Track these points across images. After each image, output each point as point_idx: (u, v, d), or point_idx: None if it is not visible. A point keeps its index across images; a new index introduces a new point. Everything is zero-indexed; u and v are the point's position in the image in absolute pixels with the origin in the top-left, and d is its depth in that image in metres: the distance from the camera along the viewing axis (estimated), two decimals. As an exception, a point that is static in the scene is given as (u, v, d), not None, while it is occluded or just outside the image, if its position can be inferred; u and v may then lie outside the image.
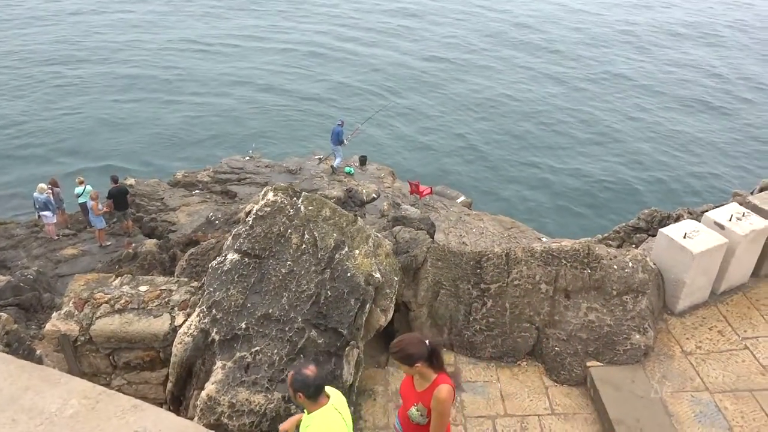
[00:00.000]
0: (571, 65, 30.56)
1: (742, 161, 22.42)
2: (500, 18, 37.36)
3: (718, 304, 6.50)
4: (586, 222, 18.73)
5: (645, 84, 28.54)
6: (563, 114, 25.59)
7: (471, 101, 26.66)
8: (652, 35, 35.02)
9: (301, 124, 24.62)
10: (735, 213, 6.35)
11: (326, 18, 36.80)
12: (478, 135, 24.04)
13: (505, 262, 6.27)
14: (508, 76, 29.21)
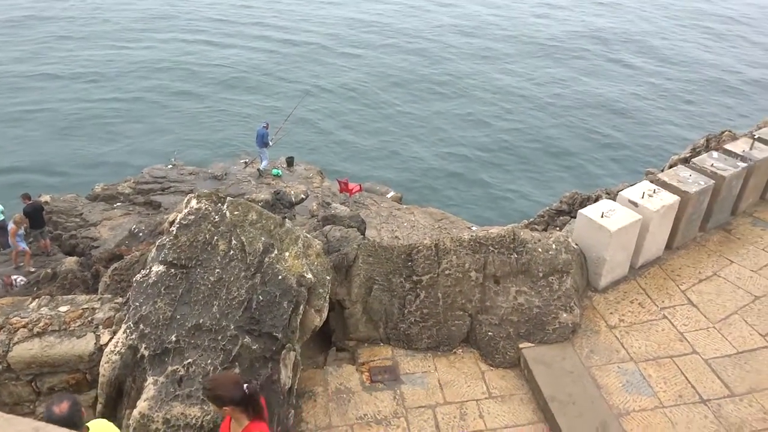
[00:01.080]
0: (491, 57, 31.26)
1: (656, 140, 23.57)
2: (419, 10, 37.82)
3: (637, 278, 6.84)
4: (512, 208, 19.26)
5: (557, 70, 29.56)
6: (482, 104, 26.16)
7: (392, 96, 26.85)
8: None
9: (223, 125, 24.10)
10: (646, 190, 6.69)
11: (238, 11, 36.18)
12: (402, 129, 24.25)
13: (435, 253, 6.36)
14: (426, 67, 29.57)
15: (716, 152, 7.60)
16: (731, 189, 7.28)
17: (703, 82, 28.26)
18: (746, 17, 38.02)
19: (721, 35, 34.38)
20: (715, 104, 26.07)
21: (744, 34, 34.91)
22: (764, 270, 6.86)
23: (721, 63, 30.35)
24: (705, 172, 7.17)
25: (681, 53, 31.71)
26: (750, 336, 6.04)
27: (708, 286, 6.66)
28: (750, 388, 5.52)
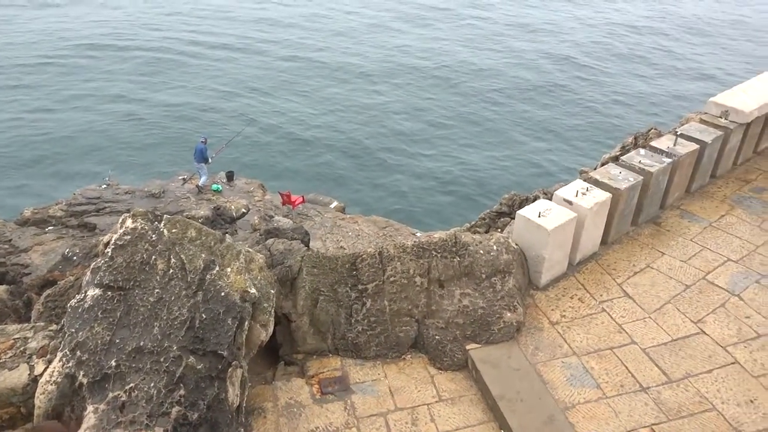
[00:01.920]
0: (426, 64, 31.67)
1: (590, 141, 24.35)
2: (353, 18, 37.94)
3: (575, 274, 7.05)
4: (455, 212, 19.52)
5: (488, 75, 30.19)
6: (420, 113, 26.46)
7: (333, 107, 26.86)
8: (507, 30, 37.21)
9: (159, 141, 23.51)
10: (580, 189, 6.92)
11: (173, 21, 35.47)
12: (344, 139, 24.26)
13: (380, 261, 6.38)
14: (362, 80, 29.71)
15: (643, 149, 7.93)
16: (659, 184, 7.61)
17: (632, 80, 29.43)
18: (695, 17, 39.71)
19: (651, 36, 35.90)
20: (639, 110, 27.17)
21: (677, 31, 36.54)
22: (693, 260, 7.19)
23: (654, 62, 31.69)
24: (634, 168, 7.47)
25: (615, 54, 32.92)
26: (683, 323, 6.31)
27: (642, 278, 6.93)
28: (685, 373, 5.77)
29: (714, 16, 39.03)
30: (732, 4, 40.97)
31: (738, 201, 8.29)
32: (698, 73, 30.07)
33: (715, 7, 40.96)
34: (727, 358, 5.91)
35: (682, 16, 39.10)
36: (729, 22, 37.51)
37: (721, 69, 30.32)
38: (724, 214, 8.01)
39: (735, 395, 5.53)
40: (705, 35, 35.44)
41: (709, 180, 8.71)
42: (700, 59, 31.72)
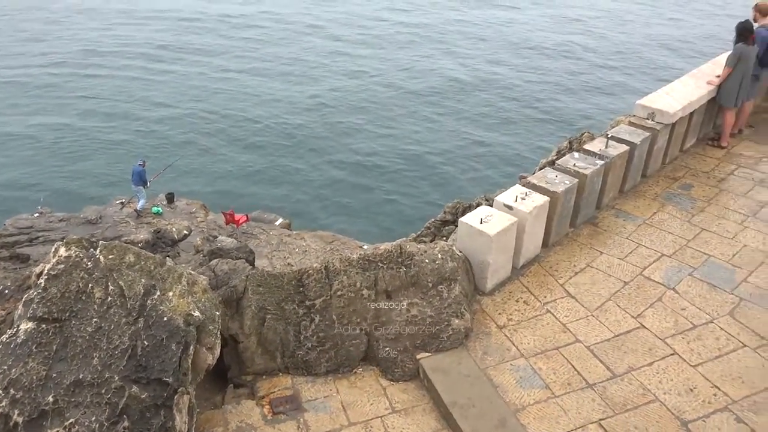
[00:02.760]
0: (364, 68, 31.88)
1: (532, 145, 24.98)
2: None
3: (520, 278, 7.19)
4: (402, 222, 19.64)
5: (413, 83, 30.65)
6: (355, 127, 26.58)
7: (274, 121, 26.67)
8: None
9: (94, 164, 22.79)
10: (519, 194, 7.08)
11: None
12: (287, 155, 24.11)
13: (326, 276, 6.35)
14: (308, 94, 29.67)
15: (577, 153, 8.19)
16: (593, 185, 7.87)
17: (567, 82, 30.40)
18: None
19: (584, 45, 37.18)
20: (574, 109, 28.08)
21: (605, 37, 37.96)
22: (630, 257, 7.45)
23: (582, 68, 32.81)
24: (569, 172, 7.70)
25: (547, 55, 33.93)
26: (624, 319, 6.52)
27: (583, 278, 7.13)
28: (628, 367, 5.95)
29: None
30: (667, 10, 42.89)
31: (668, 198, 8.66)
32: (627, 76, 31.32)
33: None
34: (667, 349, 6.13)
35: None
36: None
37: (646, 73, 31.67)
38: (656, 212, 8.34)
39: (676, 385, 5.74)
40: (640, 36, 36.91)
41: (641, 179, 9.06)
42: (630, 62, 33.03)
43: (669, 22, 38.42)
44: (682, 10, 41.61)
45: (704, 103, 9.57)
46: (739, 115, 10.07)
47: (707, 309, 6.61)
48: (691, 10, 41.63)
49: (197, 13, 40.32)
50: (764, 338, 6.23)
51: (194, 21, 39.33)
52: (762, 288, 6.91)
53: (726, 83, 9.46)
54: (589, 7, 43.14)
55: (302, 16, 40.83)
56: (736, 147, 10.00)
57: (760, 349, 6.10)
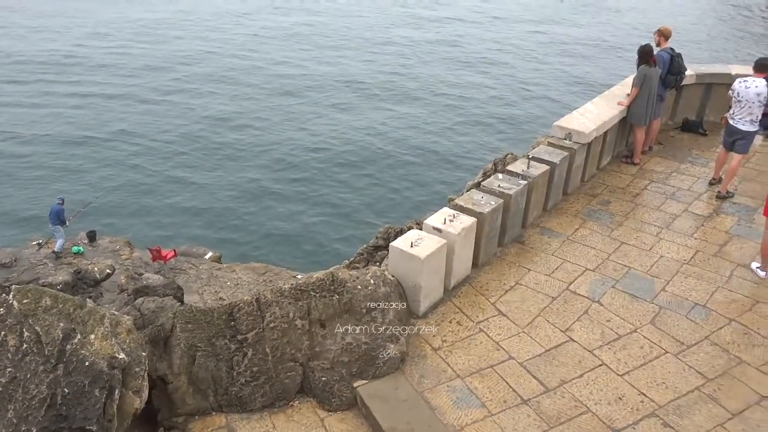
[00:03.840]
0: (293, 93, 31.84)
1: (456, 170, 25.51)
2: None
3: (452, 299, 7.28)
4: (334, 250, 19.56)
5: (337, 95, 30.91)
6: (289, 151, 26.45)
7: (198, 151, 26.12)
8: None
9: (7, 204, 21.61)
10: (447, 216, 7.21)
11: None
12: (213, 186, 23.61)
13: (258, 308, 6.22)
14: (230, 121, 29.29)
15: (501, 174, 8.44)
16: (518, 204, 8.11)
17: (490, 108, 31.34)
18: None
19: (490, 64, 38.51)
20: (496, 132, 28.97)
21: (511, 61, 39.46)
22: (556, 273, 7.69)
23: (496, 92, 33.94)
24: (494, 192, 7.91)
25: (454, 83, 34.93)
26: (553, 334, 6.70)
27: (513, 296, 7.30)
28: (560, 380, 6.10)
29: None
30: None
31: (589, 214, 9.03)
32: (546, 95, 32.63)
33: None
34: (595, 361, 6.33)
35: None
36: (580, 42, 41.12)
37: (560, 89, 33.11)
38: (578, 228, 8.68)
39: (605, 395, 5.92)
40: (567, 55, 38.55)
41: (562, 197, 9.42)
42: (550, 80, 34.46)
43: (577, 52, 40.40)
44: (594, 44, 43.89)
45: (616, 122, 10.10)
46: (648, 133, 10.67)
47: (630, 319, 6.89)
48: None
49: (127, 37, 39.24)
50: (684, 344, 6.54)
51: (115, 42, 38.27)
52: (679, 296, 7.27)
53: (635, 103, 10.03)
54: (504, 30, 44.84)
55: (207, 36, 40.49)
56: (648, 163, 10.58)
57: (681, 355, 6.39)
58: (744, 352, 6.41)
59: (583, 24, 45.31)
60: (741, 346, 6.49)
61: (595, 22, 45.40)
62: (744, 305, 7.13)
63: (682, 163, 10.60)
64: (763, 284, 7.50)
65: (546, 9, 49.99)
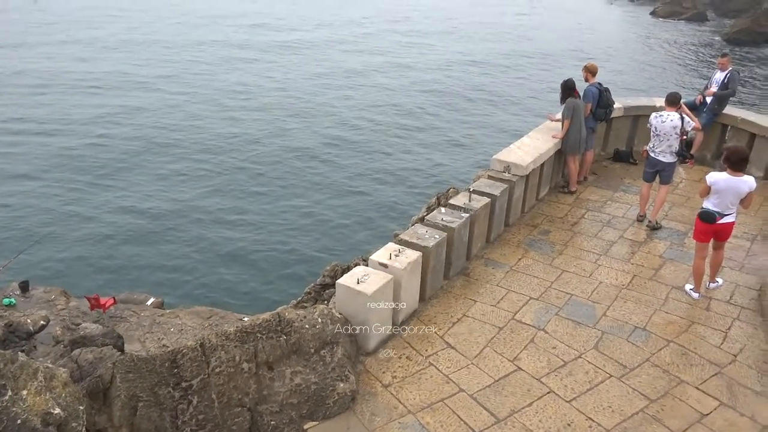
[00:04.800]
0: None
1: (400, 205, 25.73)
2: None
3: (401, 334, 7.28)
4: (282, 289, 19.28)
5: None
6: (230, 188, 26.18)
7: (131, 193, 25.51)
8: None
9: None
10: (392, 251, 7.25)
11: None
12: (151, 229, 23.02)
13: (202, 354, 6.05)
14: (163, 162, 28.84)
15: (444, 208, 8.58)
16: (461, 237, 8.25)
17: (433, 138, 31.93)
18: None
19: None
20: (440, 164, 29.50)
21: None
22: (502, 303, 7.82)
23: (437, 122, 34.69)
24: (438, 226, 8.03)
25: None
26: (502, 364, 6.77)
27: (461, 328, 7.36)
28: (510, 410, 6.15)
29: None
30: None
31: (530, 244, 9.26)
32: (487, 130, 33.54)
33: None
34: (543, 389, 6.42)
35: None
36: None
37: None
38: (520, 258, 8.87)
39: (554, 422, 6.00)
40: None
41: (504, 228, 9.64)
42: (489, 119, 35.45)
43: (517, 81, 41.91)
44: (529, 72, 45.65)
45: (552, 154, 10.47)
46: (582, 164, 11.11)
47: (575, 345, 7.05)
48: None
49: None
50: (626, 366, 6.72)
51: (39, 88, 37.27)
52: (619, 320, 7.50)
53: (567, 134, 10.45)
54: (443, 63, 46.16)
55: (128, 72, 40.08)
56: (584, 193, 10.97)
57: (624, 378, 6.56)
58: (683, 372, 6.63)
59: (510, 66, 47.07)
60: (680, 367, 6.72)
61: (522, 64, 47.16)
62: (681, 326, 7.41)
63: (615, 192, 11.05)
64: (697, 305, 7.83)
65: (473, 47, 51.73)
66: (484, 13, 66.50)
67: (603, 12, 71.56)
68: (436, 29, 55.77)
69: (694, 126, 9.84)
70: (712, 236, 7.78)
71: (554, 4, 74.66)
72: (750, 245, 9.33)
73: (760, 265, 8.76)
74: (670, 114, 9.18)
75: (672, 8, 65.28)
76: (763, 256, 9.03)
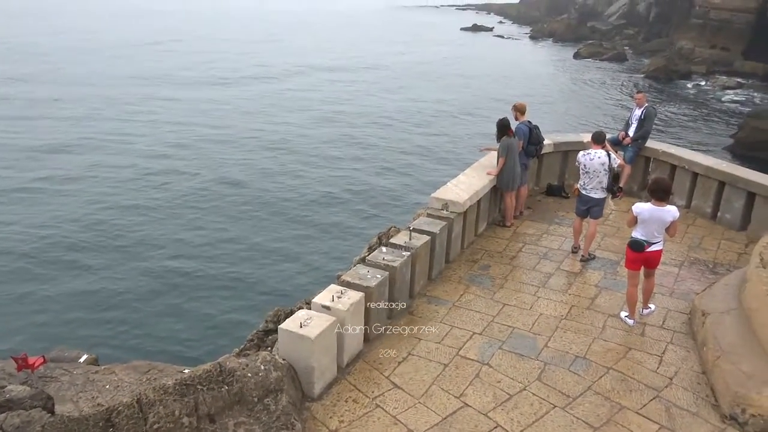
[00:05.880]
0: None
1: (343, 245, 25.67)
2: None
3: (346, 377, 7.18)
4: (222, 338, 18.74)
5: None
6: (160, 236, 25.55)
7: (58, 239, 24.50)
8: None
9: None
10: (335, 293, 7.21)
11: None
12: (78, 277, 22.07)
13: (139, 410, 5.80)
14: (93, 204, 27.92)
15: (385, 247, 8.63)
16: (404, 276, 8.29)
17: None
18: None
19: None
20: (382, 203, 29.74)
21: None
22: (446, 339, 7.85)
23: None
24: (380, 266, 8.06)
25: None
26: (448, 401, 6.76)
27: (406, 367, 7.33)
28: (459, 447, 6.12)
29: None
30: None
31: (471, 279, 9.39)
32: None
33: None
34: (490, 423, 6.43)
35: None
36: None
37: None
38: (462, 293, 8.98)
39: (503, 457, 6.01)
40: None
41: (445, 265, 9.76)
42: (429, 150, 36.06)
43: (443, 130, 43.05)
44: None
45: (488, 190, 10.74)
46: (517, 198, 11.44)
47: (519, 378, 7.13)
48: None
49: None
50: (569, 396, 6.83)
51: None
52: (560, 350, 7.65)
53: (502, 172, 10.77)
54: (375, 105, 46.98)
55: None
56: (520, 227, 11.27)
57: (568, 407, 6.66)
58: (623, 398, 6.80)
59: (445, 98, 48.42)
60: (620, 393, 6.88)
61: (452, 99, 48.59)
62: (619, 353, 7.62)
63: (550, 225, 11.40)
64: (633, 332, 8.09)
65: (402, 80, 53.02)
66: (414, 54, 68.47)
67: (529, 52, 74.95)
68: (366, 68, 56.91)
69: (619, 163, 10.33)
70: (643, 264, 8.11)
71: (481, 44, 77.78)
72: (678, 271, 9.76)
73: (688, 289, 9.16)
74: (597, 152, 9.62)
75: (594, 49, 69.01)
76: (690, 280, 9.46)
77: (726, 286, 8.21)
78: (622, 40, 73.65)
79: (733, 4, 59.86)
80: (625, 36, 76.09)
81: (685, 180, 12.25)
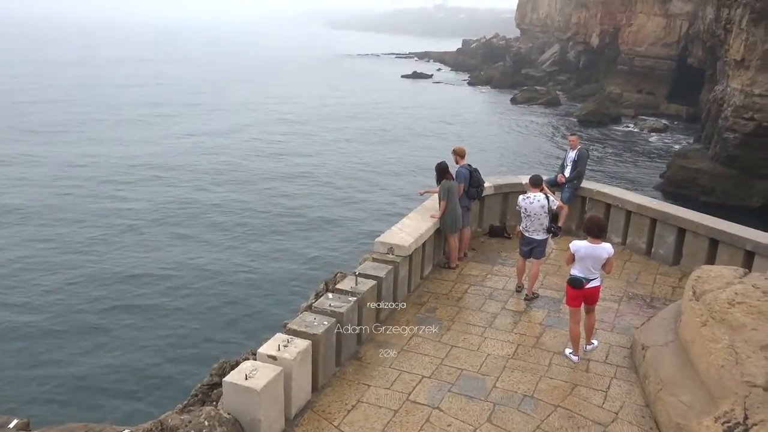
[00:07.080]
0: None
1: (289, 293, 25.30)
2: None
3: (295, 429, 7.00)
4: (165, 395, 17.99)
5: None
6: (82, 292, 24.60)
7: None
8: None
9: None
10: (281, 342, 7.08)
11: None
12: (6, 336, 20.92)
13: (74, 476, 5.46)
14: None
15: (331, 293, 8.56)
16: (351, 322, 8.22)
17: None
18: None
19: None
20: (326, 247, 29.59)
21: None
22: (395, 385, 7.79)
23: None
24: (326, 312, 7.98)
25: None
26: (399, 448, 6.66)
27: (356, 415, 7.21)
28: (411, 496, 6.01)
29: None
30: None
31: (419, 322, 9.40)
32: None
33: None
34: (442, 468, 6.36)
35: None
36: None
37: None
38: (411, 337, 8.97)
39: (456, 503, 5.92)
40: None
41: (392, 308, 9.73)
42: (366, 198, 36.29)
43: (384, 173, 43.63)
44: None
45: (432, 233, 10.87)
46: (461, 240, 11.62)
47: (469, 420, 7.11)
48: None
49: None
50: (519, 436, 6.85)
51: None
52: (509, 390, 7.70)
53: (444, 214, 10.95)
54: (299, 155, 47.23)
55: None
56: (465, 268, 11.42)
57: (519, 448, 6.67)
58: (572, 435, 6.86)
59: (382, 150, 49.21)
60: (569, 430, 6.95)
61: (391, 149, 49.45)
62: (565, 390, 7.72)
63: (494, 265, 11.60)
64: (578, 368, 8.23)
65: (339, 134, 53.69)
66: (355, 103, 69.61)
67: (467, 98, 77.27)
68: (310, 115, 57.43)
69: (558, 205, 10.68)
70: (582, 300, 8.32)
71: (420, 91, 79.81)
72: (618, 306, 10.05)
73: (628, 324, 9.43)
74: (537, 195, 9.93)
75: (529, 94, 71.80)
76: (629, 315, 9.75)
77: (663, 320, 8.50)
78: (555, 86, 76.94)
79: (655, 51, 64.01)
80: (557, 82, 79.55)
81: (619, 218, 12.74)
